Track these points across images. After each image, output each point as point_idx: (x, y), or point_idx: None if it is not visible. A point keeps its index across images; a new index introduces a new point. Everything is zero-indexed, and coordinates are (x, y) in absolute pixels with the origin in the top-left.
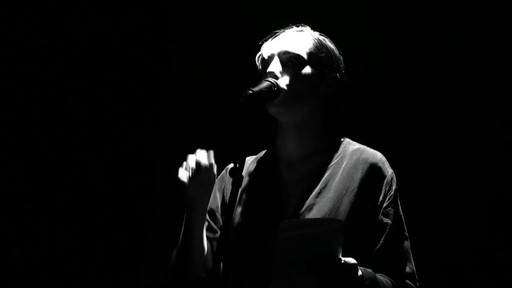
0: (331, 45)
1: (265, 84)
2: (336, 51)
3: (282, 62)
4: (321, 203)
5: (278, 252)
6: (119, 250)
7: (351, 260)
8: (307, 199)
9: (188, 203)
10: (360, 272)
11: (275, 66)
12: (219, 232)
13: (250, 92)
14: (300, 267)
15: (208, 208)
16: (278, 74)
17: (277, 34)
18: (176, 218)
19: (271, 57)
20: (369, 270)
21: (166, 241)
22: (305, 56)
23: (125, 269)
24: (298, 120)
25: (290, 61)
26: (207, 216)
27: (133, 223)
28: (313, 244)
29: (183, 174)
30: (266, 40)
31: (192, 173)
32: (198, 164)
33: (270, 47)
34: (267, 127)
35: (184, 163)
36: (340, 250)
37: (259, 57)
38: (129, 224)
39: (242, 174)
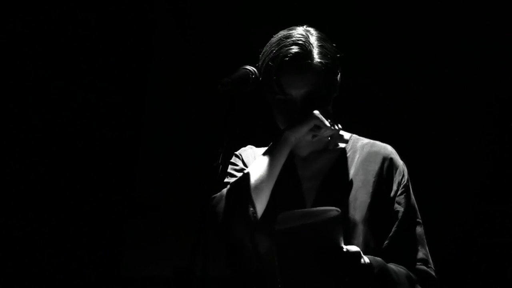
0: (332, 47)
1: (242, 72)
2: (336, 51)
3: (308, 99)
4: (338, 197)
5: (278, 245)
6: (99, 239)
7: (353, 248)
8: (324, 194)
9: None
10: (367, 260)
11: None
12: None
13: (228, 80)
14: (303, 259)
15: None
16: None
17: (287, 61)
18: (155, 206)
19: (295, 96)
20: (378, 258)
21: (145, 230)
22: (325, 86)
23: (105, 258)
24: None
25: (316, 97)
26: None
27: (113, 211)
28: (312, 235)
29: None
30: (276, 65)
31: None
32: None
33: (293, 88)
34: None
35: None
36: (342, 238)
37: (274, 82)
38: (108, 212)
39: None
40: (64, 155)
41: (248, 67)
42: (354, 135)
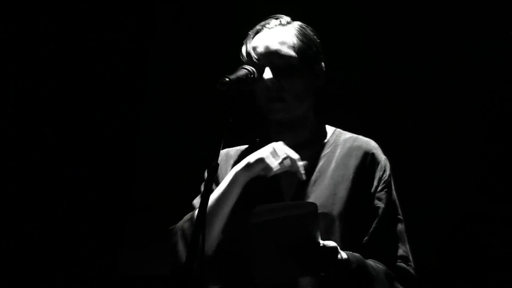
0: (313, 35)
1: (242, 71)
2: (318, 39)
3: (276, 68)
4: (317, 192)
5: (254, 238)
6: (98, 238)
7: (331, 243)
8: (303, 189)
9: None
10: (344, 256)
11: (273, 82)
12: None
13: (227, 79)
14: (279, 253)
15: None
16: (278, 89)
17: (262, 30)
18: (154, 205)
19: (263, 64)
20: (356, 254)
21: (144, 228)
22: (298, 59)
23: (104, 257)
24: (294, 118)
25: (284, 67)
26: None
27: (112, 210)
28: (288, 229)
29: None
30: (251, 35)
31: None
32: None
33: (261, 52)
34: (259, 118)
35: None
36: (318, 233)
37: (246, 51)
38: (107, 212)
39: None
40: (63, 155)
41: (247, 67)
42: (338, 129)
